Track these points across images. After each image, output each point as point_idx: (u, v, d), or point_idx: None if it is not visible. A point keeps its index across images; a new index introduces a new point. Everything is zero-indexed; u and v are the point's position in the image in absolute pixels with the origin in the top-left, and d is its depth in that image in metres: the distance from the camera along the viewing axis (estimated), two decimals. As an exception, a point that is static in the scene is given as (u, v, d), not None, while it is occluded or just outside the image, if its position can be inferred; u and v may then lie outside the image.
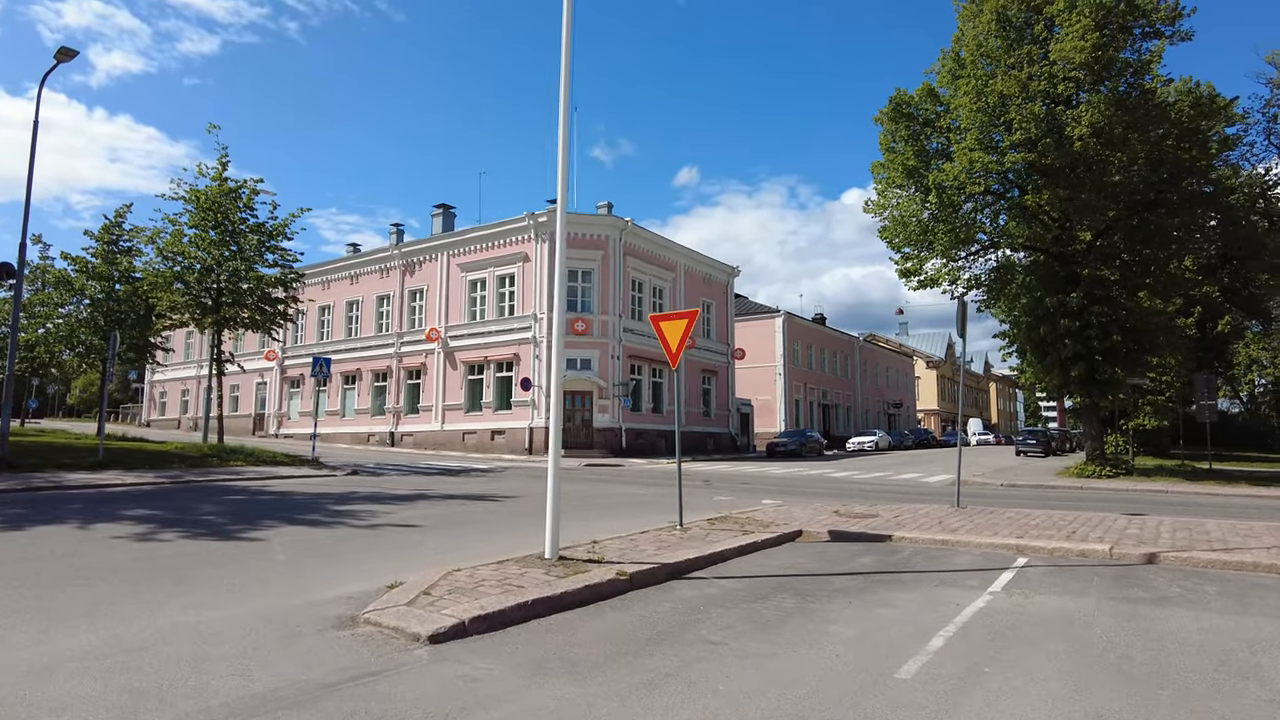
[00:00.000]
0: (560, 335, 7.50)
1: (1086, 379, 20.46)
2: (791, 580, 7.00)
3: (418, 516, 10.53)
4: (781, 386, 49.68)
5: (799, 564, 7.80)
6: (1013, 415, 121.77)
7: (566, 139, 7.53)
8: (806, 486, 18.69)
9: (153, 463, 17.45)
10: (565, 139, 7.51)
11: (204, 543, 7.91)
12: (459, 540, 8.64)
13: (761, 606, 5.94)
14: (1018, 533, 9.22)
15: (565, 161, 7.48)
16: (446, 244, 37.09)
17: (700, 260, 40.64)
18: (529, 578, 6.30)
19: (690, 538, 8.66)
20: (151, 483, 14.34)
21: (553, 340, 7.51)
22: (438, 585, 5.97)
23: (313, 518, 10.06)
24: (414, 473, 20.28)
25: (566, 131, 7.52)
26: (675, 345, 9.31)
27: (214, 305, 20.97)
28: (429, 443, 35.63)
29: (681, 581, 6.91)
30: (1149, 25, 19.37)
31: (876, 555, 8.31)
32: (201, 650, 4.38)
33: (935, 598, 6.32)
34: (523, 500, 13.18)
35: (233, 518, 9.88)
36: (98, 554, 7.11)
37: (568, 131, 7.56)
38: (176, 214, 21.13)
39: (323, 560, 7.20)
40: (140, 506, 10.78)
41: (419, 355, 37.28)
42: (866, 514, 10.92)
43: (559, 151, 7.49)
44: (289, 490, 13.89)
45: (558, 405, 7.29)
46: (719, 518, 10.41)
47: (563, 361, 7.40)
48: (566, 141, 7.54)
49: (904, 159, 21.47)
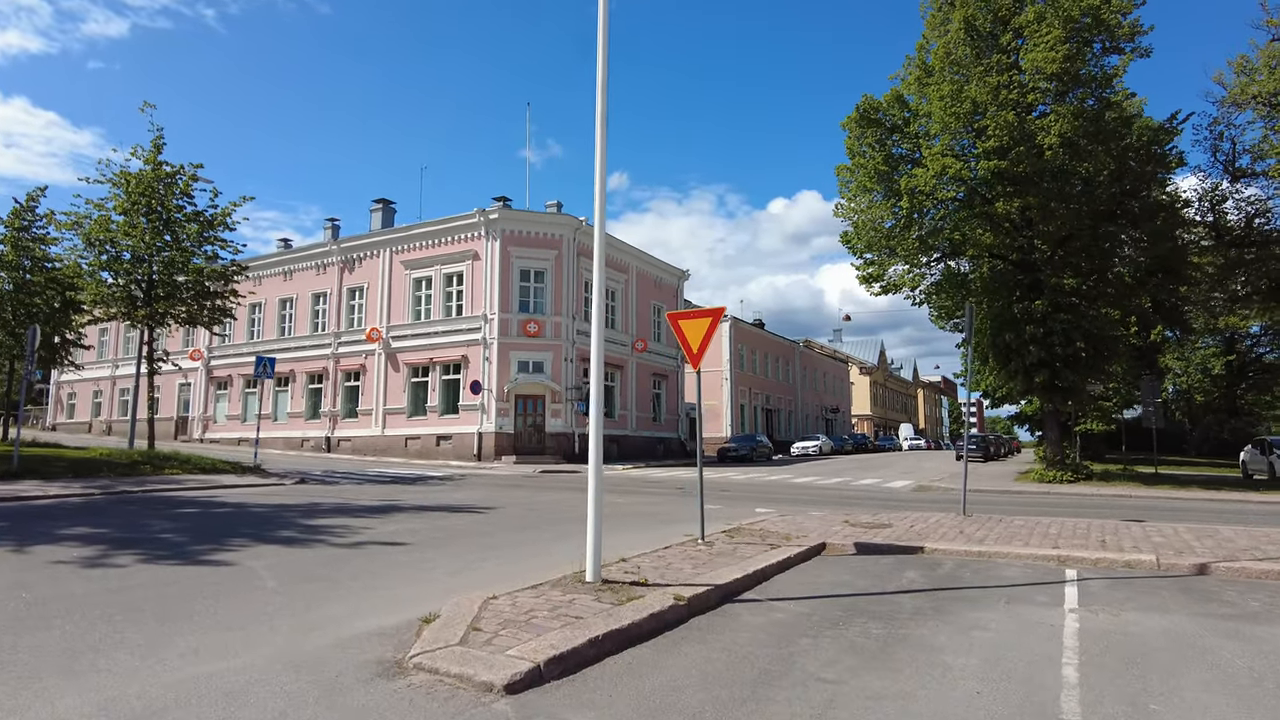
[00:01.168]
0: (599, 347, 6.74)
1: (1049, 385, 20.81)
2: (855, 601, 6.42)
3: (403, 532, 9.53)
4: (728, 391, 49.64)
5: (848, 581, 7.25)
6: (939, 421, 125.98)
7: (604, 146, 6.77)
8: (780, 493, 18.31)
9: (76, 471, 15.70)
10: (603, 146, 6.75)
11: (172, 568, 6.80)
12: (465, 560, 7.75)
13: (849, 633, 5.33)
14: (1048, 542, 8.93)
15: (603, 175, 6.73)
16: (389, 240, 35.43)
17: (651, 262, 40.16)
18: (581, 605, 5.54)
19: (719, 553, 8.01)
20: (80, 494, 12.79)
21: (593, 351, 6.73)
22: (482, 617, 5.15)
23: (285, 535, 8.96)
24: (368, 481, 18.98)
25: (604, 137, 6.76)
26: (697, 346, 8.64)
27: (146, 298, 19.16)
28: (368, 448, 33.90)
29: (737, 605, 6.25)
30: (1110, 41, 19.89)
31: (918, 569, 7.84)
32: (232, 715, 3.48)
33: (1020, 617, 5.86)
34: (506, 511, 12.27)
35: (193, 536, 8.69)
36: (50, 585, 5.95)
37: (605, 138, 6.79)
38: (103, 198, 19.27)
39: (323, 587, 6.24)
40: (79, 524, 9.42)
41: (358, 356, 35.48)
42: (879, 524, 10.49)
43: (596, 160, 6.74)
44: (242, 502, 12.58)
45: (597, 409, 6.54)
46: (732, 529, 9.79)
47: (601, 367, 6.64)
48: (604, 153, 6.78)
49: (875, 163, 21.44)
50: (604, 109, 6.72)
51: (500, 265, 31.70)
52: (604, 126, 6.72)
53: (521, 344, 31.66)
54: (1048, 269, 21.23)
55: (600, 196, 6.76)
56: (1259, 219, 21.92)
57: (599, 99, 6.71)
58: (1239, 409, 54.38)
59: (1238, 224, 22.33)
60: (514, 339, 31.54)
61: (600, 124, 6.70)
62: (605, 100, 6.74)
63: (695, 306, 54.73)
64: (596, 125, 6.71)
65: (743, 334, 52.63)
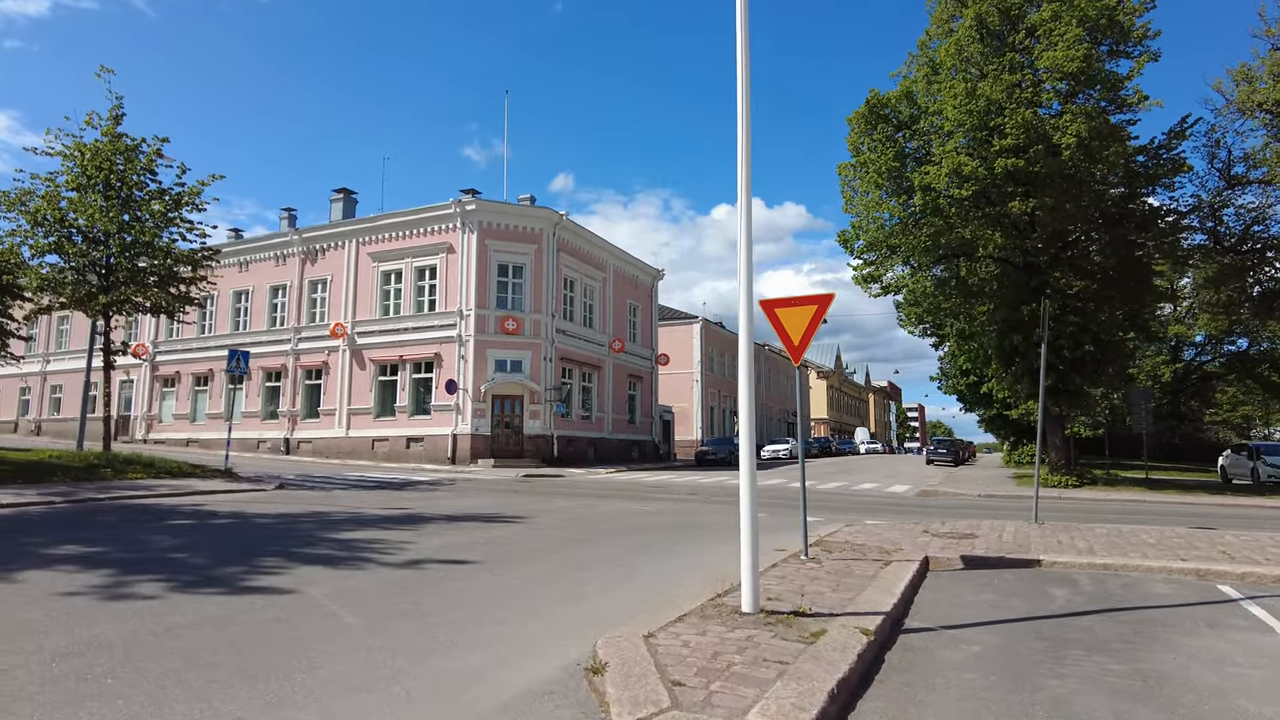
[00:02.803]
0: (749, 331, 5.68)
1: (1055, 389, 20.55)
2: (1037, 626, 5.55)
3: (452, 548, 8.31)
4: (699, 393, 48.91)
5: (997, 602, 6.38)
6: (888, 425, 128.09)
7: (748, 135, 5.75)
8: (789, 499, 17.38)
9: (25, 475, 13.85)
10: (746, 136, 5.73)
11: (216, 600, 5.49)
12: (558, 583, 6.61)
13: (1085, 669, 4.46)
14: (1163, 554, 8.26)
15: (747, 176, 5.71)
16: (355, 230, 33.45)
17: (628, 261, 39.10)
18: (767, 644, 4.52)
19: (834, 571, 7.08)
20: (40, 502, 11.10)
21: (741, 334, 5.69)
22: (666, 665, 4.08)
23: (319, 553, 7.65)
24: (352, 486, 17.45)
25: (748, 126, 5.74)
26: (799, 338, 7.66)
27: (104, 284, 17.23)
28: (331, 450, 31.89)
29: (912, 636, 5.32)
30: (1123, 42, 19.76)
31: (1058, 586, 7.04)
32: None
33: (1246, 644, 5.09)
34: (541, 521, 11.07)
35: (212, 555, 7.31)
36: (72, 629, 4.62)
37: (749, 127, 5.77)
38: (53, 172, 17.28)
39: (419, 625, 5.05)
40: (61, 540, 7.91)
41: (320, 353, 33.39)
42: (961, 534, 9.71)
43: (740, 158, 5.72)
44: (237, 511, 11.07)
45: (748, 415, 5.52)
46: (815, 541, 8.86)
47: (750, 356, 5.58)
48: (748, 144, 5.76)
49: (885, 160, 20.87)
50: (745, 72, 5.69)
51: (478, 259, 30.18)
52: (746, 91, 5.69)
53: (500, 342, 30.22)
54: (1054, 271, 21.01)
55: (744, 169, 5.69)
56: (1257, 226, 22.24)
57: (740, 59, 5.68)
58: (1183, 415, 56.23)
59: (1234, 230, 22.62)
60: (492, 336, 30.07)
61: (742, 86, 5.67)
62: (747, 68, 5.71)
63: (664, 306, 53.87)
64: (739, 88, 5.67)
65: (711, 336, 52.01)
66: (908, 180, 20.74)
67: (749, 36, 5.67)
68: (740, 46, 5.65)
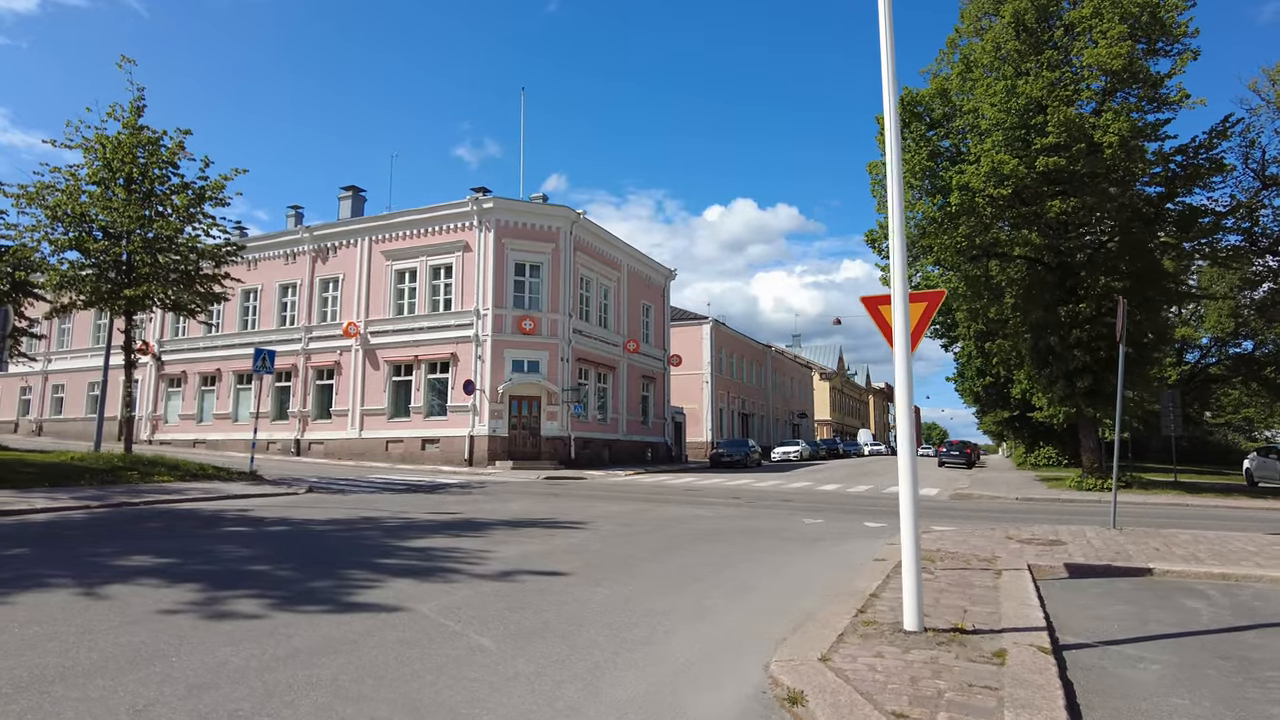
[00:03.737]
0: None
1: (1092, 391, 20.28)
2: (1201, 642, 5.19)
3: (533, 556, 7.89)
4: (709, 395, 48.55)
5: (1135, 613, 6.01)
6: (887, 426, 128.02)
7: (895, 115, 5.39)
8: (821, 502, 17.03)
9: (50, 478, 13.37)
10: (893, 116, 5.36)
11: (326, 619, 5.06)
12: (676, 596, 6.20)
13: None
14: (1275, 564, 7.91)
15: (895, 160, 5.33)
16: (368, 228, 32.99)
17: (642, 260, 38.74)
18: (960, 667, 4.14)
19: (957, 583, 6.70)
20: (77, 507, 10.64)
21: (896, 319, 5.31)
22: (871, 693, 3.69)
23: (401, 564, 7.22)
24: (384, 489, 17.00)
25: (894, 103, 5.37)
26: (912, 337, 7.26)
27: (125, 281, 16.72)
28: (343, 451, 31.40)
29: (1078, 653, 4.96)
30: (1166, 40, 19.48)
31: (1190, 598, 6.69)
32: None
33: None
34: (603, 528, 10.65)
35: (296, 567, 6.87)
36: (188, 653, 4.18)
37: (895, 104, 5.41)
38: (73, 166, 16.79)
39: (560, 646, 4.63)
40: (129, 550, 7.45)
41: (332, 353, 32.90)
42: (1049, 540, 9.35)
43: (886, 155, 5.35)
44: (284, 517, 10.61)
45: (908, 414, 5.14)
46: (906, 550, 8.47)
47: (907, 340, 5.22)
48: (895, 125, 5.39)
49: (919, 159, 20.55)
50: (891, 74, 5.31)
51: (495, 257, 29.76)
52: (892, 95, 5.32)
53: (516, 342, 29.79)
54: (1088, 271, 20.72)
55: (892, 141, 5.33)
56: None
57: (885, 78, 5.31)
58: (1189, 418, 56.24)
59: (1271, 230, 22.43)
60: (509, 336, 29.64)
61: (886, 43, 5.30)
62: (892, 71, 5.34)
63: (674, 307, 53.49)
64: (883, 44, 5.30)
65: (721, 336, 51.66)
66: (942, 180, 20.43)
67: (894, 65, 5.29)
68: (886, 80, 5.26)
